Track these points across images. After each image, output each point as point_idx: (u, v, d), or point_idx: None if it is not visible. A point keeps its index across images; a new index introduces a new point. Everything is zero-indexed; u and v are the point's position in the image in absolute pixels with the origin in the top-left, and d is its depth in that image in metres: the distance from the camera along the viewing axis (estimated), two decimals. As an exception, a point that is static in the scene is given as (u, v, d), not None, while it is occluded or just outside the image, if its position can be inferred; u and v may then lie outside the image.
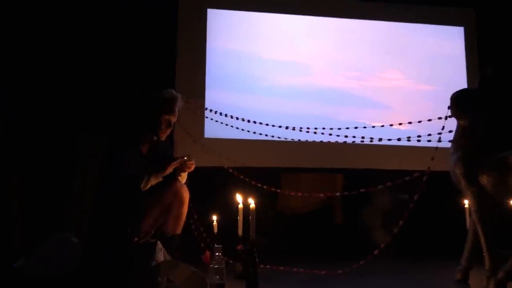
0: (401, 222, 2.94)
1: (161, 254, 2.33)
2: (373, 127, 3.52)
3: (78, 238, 3.01)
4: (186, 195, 2.74)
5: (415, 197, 2.93)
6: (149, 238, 2.47)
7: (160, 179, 2.61)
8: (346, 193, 3.24)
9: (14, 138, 3.35)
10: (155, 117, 2.68)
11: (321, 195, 3.36)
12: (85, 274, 2.54)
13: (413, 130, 3.49)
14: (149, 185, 2.57)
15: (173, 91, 2.78)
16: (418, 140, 3.20)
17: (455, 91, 2.76)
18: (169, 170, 2.64)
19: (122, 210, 2.49)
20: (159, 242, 2.34)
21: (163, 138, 2.74)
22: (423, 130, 3.35)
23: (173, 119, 2.75)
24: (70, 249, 2.86)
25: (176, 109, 2.74)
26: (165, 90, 2.78)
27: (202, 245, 3.46)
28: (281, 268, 3.07)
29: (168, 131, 2.76)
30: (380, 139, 3.34)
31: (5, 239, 3.24)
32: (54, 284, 2.56)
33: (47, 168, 3.52)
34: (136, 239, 2.44)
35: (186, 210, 2.78)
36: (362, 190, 3.14)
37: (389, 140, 3.34)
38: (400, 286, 2.67)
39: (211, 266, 2.21)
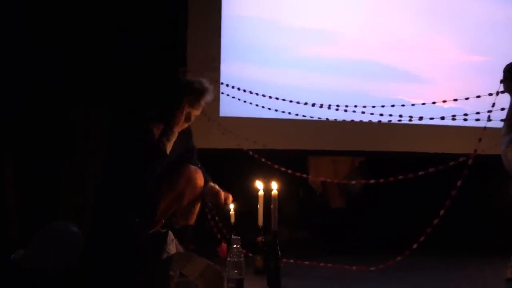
0: (442, 212, 2.94)
1: (172, 246, 2.37)
2: (413, 104, 3.49)
3: (78, 227, 3.09)
4: (200, 181, 2.75)
5: (458, 183, 2.92)
6: (160, 228, 2.51)
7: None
8: (382, 180, 3.24)
9: (6, 116, 3.41)
10: (175, 106, 2.63)
11: (354, 182, 3.36)
12: (87, 268, 2.61)
13: (459, 107, 3.46)
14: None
15: (205, 82, 2.71)
16: (465, 119, 3.17)
17: (509, 63, 2.72)
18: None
19: (129, 198, 2.52)
20: (170, 233, 2.38)
21: (177, 131, 2.66)
22: (470, 107, 3.31)
23: (195, 113, 2.69)
24: (70, 239, 2.94)
25: (202, 103, 2.68)
26: (196, 78, 2.73)
27: (218, 236, 3.51)
28: (306, 262, 3.10)
29: (186, 125, 2.70)
30: (420, 118, 3.31)
31: (0, 228, 3.33)
32: (54, 277, 2.64)
33: (42, 147, 3.58)
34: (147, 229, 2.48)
35: (200, 198, 2.81)
36: (400, 177, 3.14)
37: (431, 119, 3.31)
38: (441, 286, 2.67)
39: (228, 259, 2.25)
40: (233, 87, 3.83)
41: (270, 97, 3.71)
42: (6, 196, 3.43)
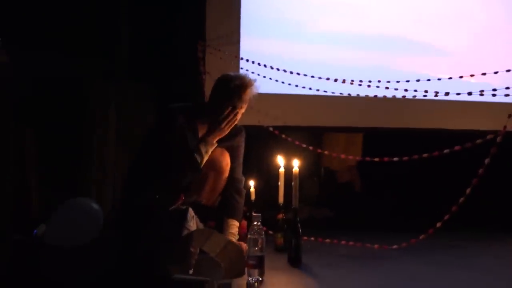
0: (468, 191, 2.90)
1: (193, 223, 2.38)
2: (439, 79, 3.41)
3: (98, 203, 3.13)
4: (225, 164, 2.71)
5: (486, 161, 2.88)
6: (180, 205, 2.52)
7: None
8: (405, 158, 3.20)
9: (27, 91, 3.44)
10: (218, 105, 2.57)
11: (377, 159, 3.32)
12: (108, 243, 2.65)
13: (487, 82, 3.37)
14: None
15: (246, 77, 2.64)
16: (493, 95, 3.10)
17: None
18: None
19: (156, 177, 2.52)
20: (190, 209, 2.39)
21: (226, 131, 2.61)
22: (499, 82, 3.23)
23: (240, 111, 2.63)
24: (91, 215, 2.99)
25: (243, 101, 2.61)
26: (237, 73, 2.68)
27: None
28: (327, 240, 3.11)
29: (234, 123, 2.63)
30: (446, 94, 3.25)
31: (23, 203, 3.39)
32: (76, 252, 2.68)
33: (63, 123, 3.61)
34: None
35: (224, 182, 2.80)
36: (424, 155, 3.10)
37: (458, 94, 3.24)
38: (465, 265, 2.65)
39: (249, 236, 2.25)
40: (253, 62, 3.80)
41: (291, 72, 3.66)
42: (28, 171, 3.49)
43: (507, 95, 3.01)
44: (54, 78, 3.54)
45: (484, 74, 3.23)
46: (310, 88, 3.68)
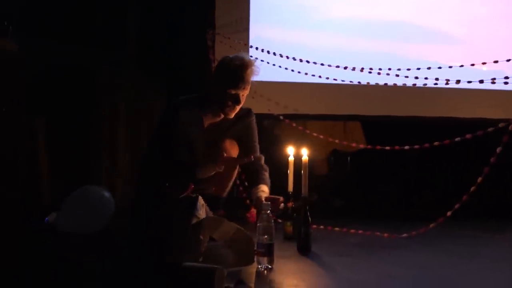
0: (479, 180, 2.90)
1: (202, 211, 2.40)
2: (450, 67, 3.39)
3: (109, 191, 3.17)
4: (235, 155, 2.71)
5: (498, 150, 2.87)
6: (190, 193, 2.54)
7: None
8: (416, 146, 3.20)
9: (37, 80, 3.46)
10: (219, 90, 2.52)
11: (388, 147, 3.32)
12: (119, 232, 2.69)
13: (499, 70, 3.35)
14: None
15: (245, 57, 2.57)
16: (505, 83, 3.08)
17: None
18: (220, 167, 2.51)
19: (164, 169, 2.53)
20: (200, 198, 2.41)
21: (231, 115, 2.58)
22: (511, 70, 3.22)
23: (242, 93, 2.55)
24: (102, 203, 3.03)
25: (245, 82, 2.53)
26: (236, 54, 2.59)
27: (248, 202, 3.55)
28: (336, 229, 3.12)
29: (237, 108, 2.58)
30: (457, 81, 3.23)
31: (34, 192, 3.43)
32: (87, 240, 2.73)
33: (73, 112, 3.64)
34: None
35: (236, 173, 2.80)
36: (435, 143, 3.09)
37: (469, 82, 3.22)
38: (475, 254, 2.66)
39: (258, 224, 2.28)
40: (262, 50, 3.80)
41: (300, 60, 3.65)
42: (38, 160, 3.53)
43: (519, 83, 3.00)
44: (63, 68, 3.57)
45: (496, 62, 3.20)
46: (320, 76, 3.67)
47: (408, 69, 3.41)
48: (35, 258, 2.37)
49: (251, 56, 3.19)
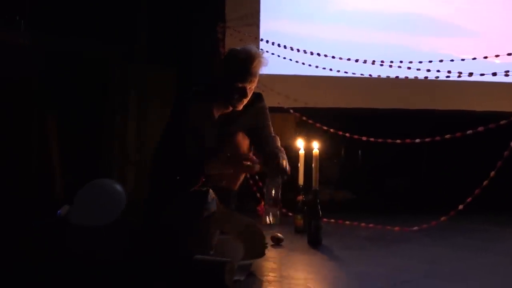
0: (492, 173, 2.88)
1: (213, 204, 2.42)
2: (463, 59, 3.36)
3: (121, 184, 3.19)
4: (247, 148, 2.66)
5: (511, 143, 2.85)
6: (201, 186, 2.56)
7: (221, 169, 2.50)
8: (428, 139, 3.19)
9: (48, 75, 3.49)
10: (226, 83, 2.48)
11: (399, 141, 3.30)
12: (131, 224, 2.71)
13: (513, 63, 3.32)
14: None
15: (251, 49, 2.50)
16: (519, 75, 3.06)
17: None
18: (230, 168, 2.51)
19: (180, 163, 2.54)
20: (211, 191, 2.42)
21: (239, 108, 2.53)
22: (525, 63, 3.19)
23: (249, 86, 2.48)
24: (114, 196, 3.06)
25: (253, 75, 2.46)
26: (243, 47, 2.54)
27: (258, 195, 3.56)
28: (347, 222, 3.13)
29: (245, 101, 2.52)
30: (470, 74, 3.21)
31: (46, 185, 3.47)
32: (99, 232, 2.75)
33: (84, 106, 3.67)
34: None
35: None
36: (447, 136, 3.07)
37: (482, 75, 3.20)
38: (486, 248, 2.65)
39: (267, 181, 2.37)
40: (273, 43, 3.80)
41: (311, 53, 3.65)
42: (50, 154, 3.56)
43: (533, 75, 2.97)
44: (75, 61, 3.59)
45: (509, 54, 3.17)
46: (331, 69, 3.67)
47: (420, 62, 3.39)
48: (48, 251, 2.40)
49: (261, 50, 3.18)
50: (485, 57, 3.25)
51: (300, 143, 2.99)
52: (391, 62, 3.44)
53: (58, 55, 3.49)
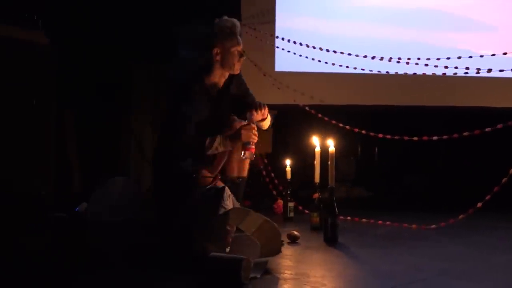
0: (511, 171, 2.85)
1: (229, 201, 2.43)
2: (481, 56, 3.33)
3: (137, 181, 3.22)
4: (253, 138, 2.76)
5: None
6: (216, 183, 2.57)
7: (229, 146, 2.59)
8: (445, 136, 3.16)
9: (68, 70, 3.53)
10: (225, 52, 2.69)
11: (416, 138, 3.28)
12: (148, 220, 2.74)
13: (533, 59, 3.28)
14: (216, 150, 2.56)
15: (231, 19, 2.75)
16: (539, 71, 3.02)
17: None
18: (235, 127, 2.62)
19: (186, 152, 2.59)
20: (227, 188, 2.44)
21: (239, 70, 2.76)
22: (546, 58, 3.15)
23: (240, 47, 2.74)
24: (130, 192, 3.09)
25: (240, 38, 2.74)
26: (221, 19, 2.75)
27: (274, 193, 3.57)
28: (364, 220, 3.11)
29: (242, 61, 2.76)
30: (489, 70, 3.17)
31: (65, 182, 3.52)
32: (116, 228, 2.79)
33: (102, 105, 3.70)
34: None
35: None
36: (465, 133, 3.04)
37: (501, 71, 3.16)
38: (505, 247, 2.62)
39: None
40: (288, 40, 3.79)
41: (327, 50, 3.63)
42: (68, 151, 3.61)
43: (554, 71, 2.93)
44: (92, 61, 3.63)
45: (530, 49, 3.14)
46: (347, 66, 3.64)
47: (438, 59, 3.35)
48: (67, 246, 2.44)
49: (288, 51, 3.21)
50: (505, 53, 3.21)
51: (316, 141, 2.98)
52: (408, 59, 3.41)
53: (77, 54, 3.53)
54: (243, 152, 2.57)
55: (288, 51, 3.76)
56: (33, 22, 2.50)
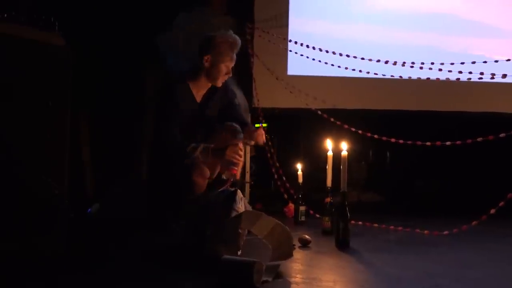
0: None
1: (241, 204, 2.43)
2: (496, 61, 3.30)
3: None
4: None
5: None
6: (228, 186, 2.58)
7: (209, 159, 2.62)
8: (459, 142, 3.13)
9: (83, 72, 3.55)
10: (213, 65, 2.79)
11: (429, 143, 3.26)
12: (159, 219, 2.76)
13: (548, 64, 3.24)
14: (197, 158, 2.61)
15: (234, 35, 2.82)
16: (555, 77, 2.99)
17: None
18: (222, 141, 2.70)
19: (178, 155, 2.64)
20: (239, 191, 2.44)
21: (220, 84, 2.85)
22: (561, 64, 3.11)
23: (231, 65, 2.83)
24: (143, 194, 3.11)
25: (234, 56, 2.82)
26: (223, 32, 2.84)
27: (285, 196, 3.56)
28: (375, 225, 3.10)
29: (227, 77, 2.85)
30: (504, 76, 3.14)
31: (78, 183, 3.54)
32: (128, 229, 2.80)
33: (116, 104, 3.73)
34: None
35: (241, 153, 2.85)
36: (479, 139, 3.02)
37: (516, 76, 3.14)
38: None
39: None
40: (301, 44, 3.78)
41: (340, 54, 3.62)
42: (82, 152, 3.63)
43: None
44: (108, 63, 3.65)
45: (545, 55, 3.11)
46: (360, 71, 3.62)
47: (452, 64, 3.33)
48: (79, 247, 2.45)
49: (301, 55, 3.27)
50: (520, 58, 3.18)
51: (329, 145, 2.98)
52: (422, 63, 3.38)
53: (92, 56, 3.55)
54: (224, 170, 2.60)
55: (301, 55, 3.75)
56: (50, 23, 2.51)
